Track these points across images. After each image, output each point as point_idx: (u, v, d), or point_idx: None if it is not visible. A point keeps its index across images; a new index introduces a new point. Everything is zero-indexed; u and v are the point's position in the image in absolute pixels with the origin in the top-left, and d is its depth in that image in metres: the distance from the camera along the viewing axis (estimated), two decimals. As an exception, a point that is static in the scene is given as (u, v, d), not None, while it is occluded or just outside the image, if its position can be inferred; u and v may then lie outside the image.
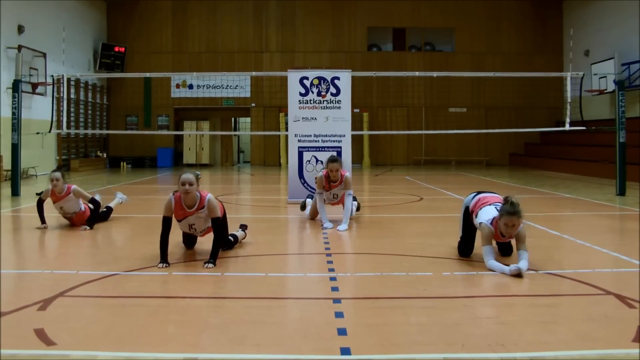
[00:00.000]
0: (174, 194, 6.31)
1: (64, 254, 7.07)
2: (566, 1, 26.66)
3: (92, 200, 8.56)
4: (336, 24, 27.19)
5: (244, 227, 7.39)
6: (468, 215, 6.29)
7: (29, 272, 5.93)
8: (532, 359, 3.48)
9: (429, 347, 3.68)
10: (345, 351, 3.58)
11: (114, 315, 4.39)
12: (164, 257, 6.02)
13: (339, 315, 4.32)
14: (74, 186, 8.54)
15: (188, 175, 6.20)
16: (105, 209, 9.20)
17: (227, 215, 6.81)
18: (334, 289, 5.11)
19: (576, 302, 4.78)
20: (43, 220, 8.46)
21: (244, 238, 7.32)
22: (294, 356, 3.52)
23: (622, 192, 12.88)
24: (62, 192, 8.44)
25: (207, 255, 6.16)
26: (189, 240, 6.90)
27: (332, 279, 5.46)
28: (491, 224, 5.80)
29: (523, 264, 5.53)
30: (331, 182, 8.65)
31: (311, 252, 6.70)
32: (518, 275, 5.42)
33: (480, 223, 5.90)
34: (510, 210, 5.59)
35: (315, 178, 8.89)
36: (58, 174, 8.45)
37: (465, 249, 6.33)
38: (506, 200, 5.70)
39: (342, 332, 3.93)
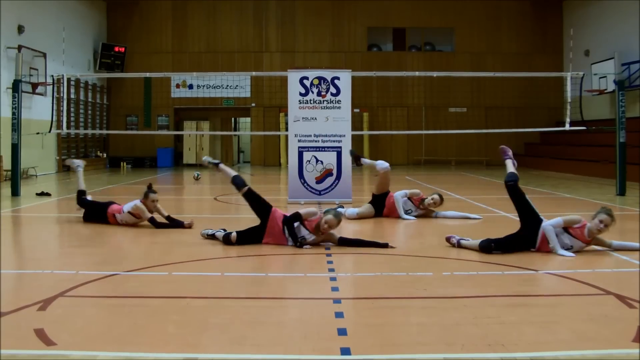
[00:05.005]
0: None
1: (64, 254, 7.08)
2: (566, 1, 26.65)
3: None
4: (336, 24, 27.17)
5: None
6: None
7: (29, 272, 5.93)
8: (532, 359, 3.48)
9: (429, 347, 3.68)
10: (345, 351, 3.58)
11: (114, 315, 4.39)
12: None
13: (339, 315, 4.32)
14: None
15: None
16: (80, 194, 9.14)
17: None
18: (334, 289, 5.11)
19: (576, 302, 4.78)
20: None
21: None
22: (294, 356, 3.52)
23: (622, 192, 12.87)
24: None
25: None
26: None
27: (332, 279, 5.46)
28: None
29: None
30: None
31: (311, 252, 6.70)
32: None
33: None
34: (609, 212, 6.54)
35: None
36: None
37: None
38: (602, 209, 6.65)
39: (342, 332, 3.93)
